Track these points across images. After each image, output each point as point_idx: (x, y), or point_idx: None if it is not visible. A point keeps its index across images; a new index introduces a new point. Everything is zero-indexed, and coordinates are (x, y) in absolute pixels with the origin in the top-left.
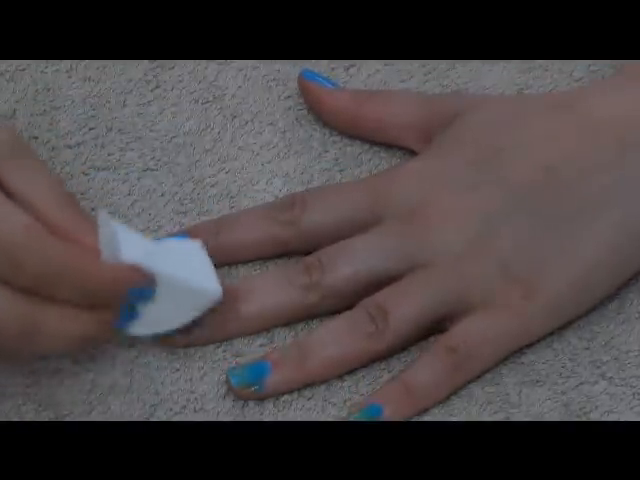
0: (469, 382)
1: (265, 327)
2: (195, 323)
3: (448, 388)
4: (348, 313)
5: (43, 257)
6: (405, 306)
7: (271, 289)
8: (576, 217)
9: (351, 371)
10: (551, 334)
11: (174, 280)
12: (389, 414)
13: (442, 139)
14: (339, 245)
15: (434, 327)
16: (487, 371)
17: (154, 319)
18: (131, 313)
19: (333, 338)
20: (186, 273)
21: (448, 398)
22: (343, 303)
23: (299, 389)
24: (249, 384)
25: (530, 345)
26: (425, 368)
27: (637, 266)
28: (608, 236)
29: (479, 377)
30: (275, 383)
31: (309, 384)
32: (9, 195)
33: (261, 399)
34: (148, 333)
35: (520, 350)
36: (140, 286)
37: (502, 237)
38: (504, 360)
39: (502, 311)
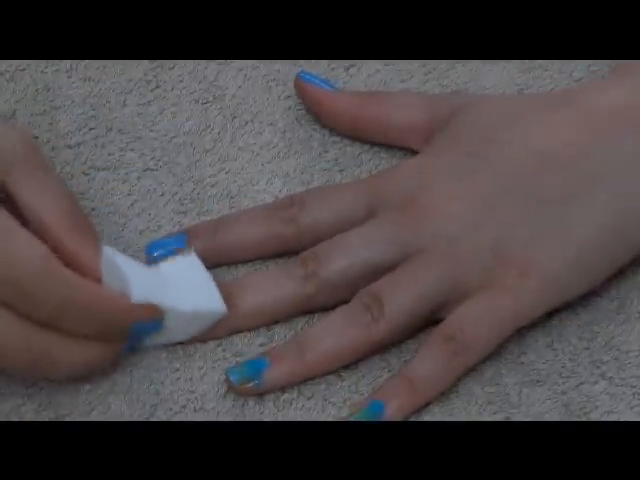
0: (470, 381)
1: (264, 321)
2: None
3: (450, 377)
4: (345, 306)
5: (58, 290)
6: (400, 294)
7: (269, 283)
8: (569, 198)
9: (351, 370)
10: (551, 334)
11: (181, 309)
12: (392, 410)
13: (441, 136)
14: (335, 238)
15: (431, 316)
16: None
17: (162, 336)
18: (139, 341)
19: (330, 330)
20: (191, 297)
21: (448, 398)
22: (340, 294)
23: (299, 385)
24: (248, 379)
25: (530, 345)
26: (425, 360)
27: (635, 247)
28: (602, 216)
29: (480, 377)
30: (274, 377)
31: (309, 378)
32: (19, 207)
33: (261, 394)
34: (154, 344)
35: (520, 350)
36: (149, 321)
37: (495, 219)
38: (504, 360)
39: (497, 294)
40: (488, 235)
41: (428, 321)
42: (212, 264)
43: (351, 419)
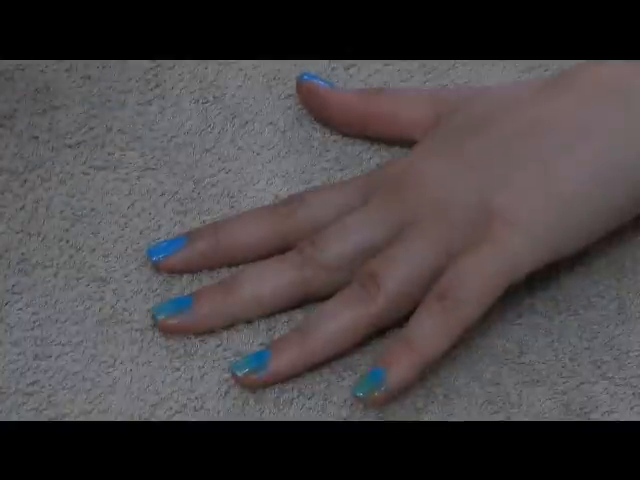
0: (470, 381)
1: (264, 310)
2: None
3: (449, 336)
4: (342, 290)
5: None
6: (394, 267)
7: (267, 272)
8: (554, 153)
9: (351, 370)
10: (551, 334)
11: None
12: (394, 376)
13: (438, 128)
14: (330, 225)
15: (427, 287)
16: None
17: None
18: None
19: (329, 313)
20: None
21: (448, 398)
22: (338, 278)
23: (303, 371)
24: (252, 370)
25: (530, 345)
26: (421, 321)
27: (622, 205)
28: (587, 167)
29: (480, 377)
30: (278, 366)
31: (313, 363)
32: None
33: (267, 385)
34: None
35: (520, 350)
36: None
37: (478, 178)
38: (504, 360)
39: (484, 247)
40: (474, 193)
41: (425, 292)
42: (215, 265)
43: (357, 394)
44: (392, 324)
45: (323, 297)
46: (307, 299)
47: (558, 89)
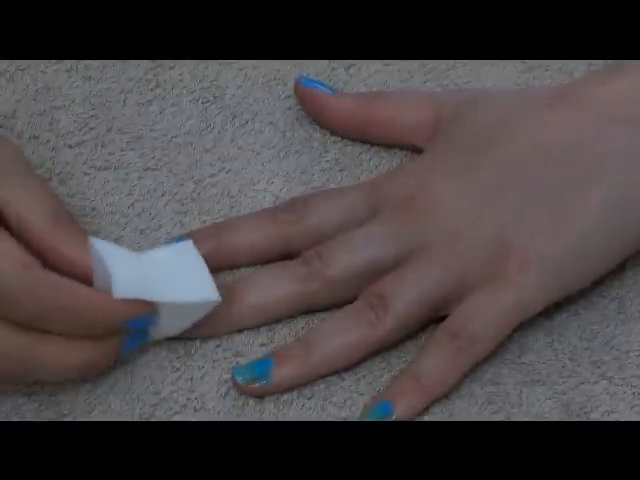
0: (470, 381)
1: (267, 319)
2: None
3: (457, 374)
4: (349, 306)
5: (38, 296)
6: (403, 291)
7: (272, 281)
8: (569, 188)
9: (351, 370)
10: (551, 334)
11: (171, 301)
12: (400, 410)
13: (442, 139)
14: (338, 238)
15: (435, 313)
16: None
17: (154, 331)
18: (135, 340)
19: (335, 329)
20: (183, 287)
21: (448, 398)
22: (343, 293)
23: (304, 384)
24: (254, 379)
25: (530, 345)
26: (431, 358)
27: (635, 238)
28: (599, 204)
29: (480, 377)
30: (281, 377)
31: (315, 377)
32: (3, 214)
33: (268, 394)
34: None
35: (520, 350)
36: (138, 318)
37: (495, 212)
38: (504, 360)
39: (499, 287)
40: (489, 228)
41: (432, 317)
42: (216, 267)
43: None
44: (395, 345)
45: (326, 309)
46: (310, 310)
47: (562, 107)
